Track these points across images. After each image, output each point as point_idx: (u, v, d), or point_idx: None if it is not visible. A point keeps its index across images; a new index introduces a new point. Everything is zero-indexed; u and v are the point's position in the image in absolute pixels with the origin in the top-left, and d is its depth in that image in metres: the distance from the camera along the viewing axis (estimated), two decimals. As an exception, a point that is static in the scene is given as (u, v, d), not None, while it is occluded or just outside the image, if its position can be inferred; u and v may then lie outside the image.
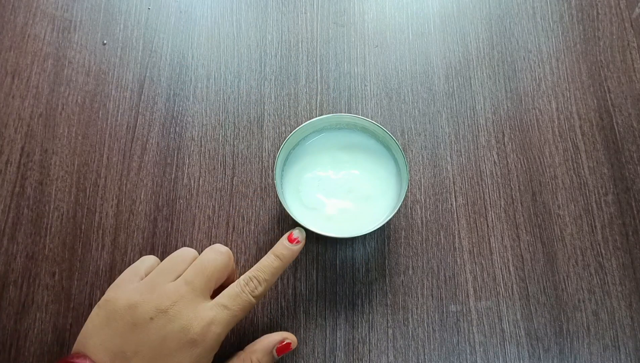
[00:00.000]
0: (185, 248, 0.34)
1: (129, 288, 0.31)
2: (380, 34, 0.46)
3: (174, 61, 0.44)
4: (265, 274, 0.32)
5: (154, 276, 0.31)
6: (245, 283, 0.31)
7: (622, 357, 0.37)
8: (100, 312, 0.30)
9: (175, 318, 0.29)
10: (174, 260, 0.33)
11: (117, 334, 0.29)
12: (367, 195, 0.37)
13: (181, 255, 0.33)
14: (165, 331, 0.29)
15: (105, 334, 0.29)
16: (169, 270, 0.32)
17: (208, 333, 0.29)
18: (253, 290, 0.31)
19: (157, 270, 0.32)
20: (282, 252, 0.33)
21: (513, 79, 0.44)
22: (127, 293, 0.30)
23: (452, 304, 0.38)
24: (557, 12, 0.47)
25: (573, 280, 0.39)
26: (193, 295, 0.30)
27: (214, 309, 0.30)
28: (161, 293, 0.30)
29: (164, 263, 0.33)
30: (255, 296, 0.31)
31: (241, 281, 0.32)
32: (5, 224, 0.39)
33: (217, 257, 0.32)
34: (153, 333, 0.29)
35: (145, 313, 0.29)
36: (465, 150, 0.42)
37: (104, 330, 0.29)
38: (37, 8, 0.45)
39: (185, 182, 0.41)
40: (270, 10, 0.47)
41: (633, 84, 0.44)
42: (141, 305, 0.29)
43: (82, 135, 0.42)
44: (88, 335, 0.29)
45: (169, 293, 0.30)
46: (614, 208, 0.41)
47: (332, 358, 0.36)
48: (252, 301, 0.31)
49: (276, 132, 0.43)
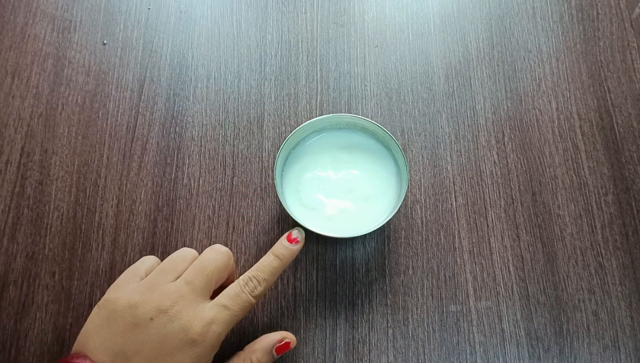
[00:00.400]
0: (186, 248, 0.34)
1: (129, 288, 0.31)
2: (380, 34, 0.46)
3: (174, 61, 0.44)
4: (265, 274, 0.32)
5: (154, 276, 0.31)
6: (245, 283, 0.32)
7: (622, 357, 0.37)
8: (100, 312, 0.30)
9: (175, 318, 0.29)
10: (174, 260, 0.33)
11: (117, 334, 0.29)
12: (367, 195, 0.37)
13: (181, 255, 0.33)
14: (165, 331, 0.29)
15: (106, 334, 0.29)
16: (169, 270, 0.32)
17: (208, 333, 0.29)
18: (253, 290, 0.31)
19: (158, 270, 0.32)
20: (282, 252, 0.33)
21: (513, 79, 0.44)
22: (128, 293, 0.30)
23: (452, 304, 0.38)
24: (557, 12, 0.47)
25: (573, 280, 0.39)
26: (193, 295, 0.30)
27: (214, 309, 0.30)
28: (161, 293, 0.30)
29: (164, 263, 0.33)
30: (254, 296, 0.31)
31: (241, 281, 0.32)
32: (5, 224, 0.39)
33: (217, 257, 0.32)
34: (153, 333, 0.29)
35: (145, 313, 0.29)
36: (465, 150, 0.42)
37: (104, 330, 0.29)
38: (37, 8, 0.45)
39: (185, 182, 0.41)
40: (270, 10, 0.47)
41: (633, 84, 0.44)
42: (141, 305, 0.29)
43: (82, 135, 0.42)
44: (88, 335, 0.29)
45: (169, 293, 0.30)
46: (614, 208, 0.41)
47: (332, 358, 0.36)
48: (251, 301, 0.31)
49: (276, 132, 0.43)
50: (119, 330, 0.29)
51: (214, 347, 0.30)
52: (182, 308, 0.29)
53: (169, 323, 0.29)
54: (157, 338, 0.29)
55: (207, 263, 0.32)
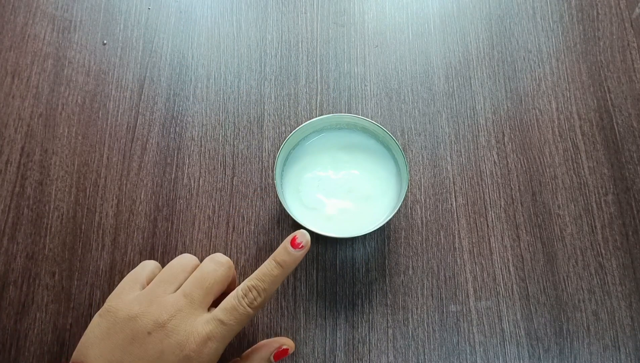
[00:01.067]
0: (186, 255, 0.34)
1: (130, 298, 0.31)
2: (380, 34, 0.46)
3: (174, 61, 0.44)
4: (265, 283, 0.30)
5: (154, 287, 0.31)
6: (244, 295, 0.30)
7: (622, 357, 0.37)
8: (101, 322, 0.30)
9: (172, 333, 0.29)
10: (174, 270, 0.32)
11: (116, 347, 0.29)
12: (367, 195, 0.37)
13: (181, 264, 0.33)
14: (162, 346, 0.29)
15: (105, 346, 0.29)
16: (168, 280, 0.32)
17: (204, 349, 0.29)
18: (252, 301, 0.30)
19: (157, 280, 0.32)
20: (284, 259, 0.31)
21: (513, 79, 0.44)
22: (128, 303, 0.30)
23: (452, 304, 0.38)
24: (557, 12, 0.47)
25: (573, 280, 0.39)
26: (191, 308, 0.30)
27: (211, 324, 0.29)
28: (159, 306, 0.30)
29: (164, 272, 0.32)
30: (253, 307, 0.30)
31: (239, 292, 0.30)
32: (5, 224, 0.39)
33: (217, 269, 0.32)
34: (151, 348, 0.29)
35: (143, 326, 0.29)
36: (465, 150, 0.42)
37: (104, 341, 0.29)
38: (37, 8, 0.45)
39: (185, 182, 0.41)
40: (270, 10, 0.47)
41: (633, 84, 0.44)
42: (140, 317, 0.29)
43: (82, 135, 0.42)
44: (89, 345, 0.30)
45: (167, 306, 0.30)
46: (614, 208, 0.41)
47: (332, 358, 0.36)
48: (250, 313, 0.30)
49: (276, 132, 0.43)
50: (119, 342, 0.29)
51: (211, 361, 0.29)
52: (180, 322, 0.29)
53: (165, 338, 0.29)
54: (154, 353, 0.29)
55: (206, 275, 0.31)
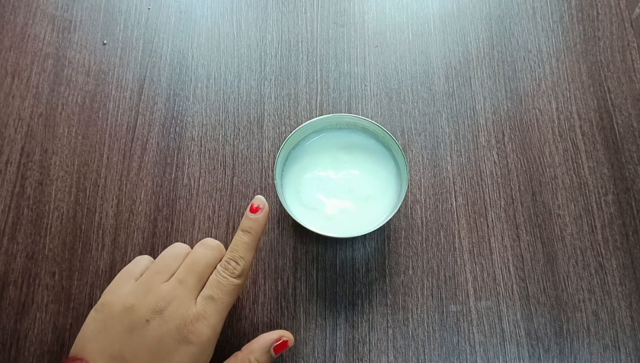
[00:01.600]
0: (178, 244, 0.34)
1: (125, 291, 0.31)
2: (380, 34, 0.46)
3: (174, 61, 0.44)
4: (239, 252, 0.32)
5: (148, 277, 0.32)
6: (224, 269, 0.31)
7: (622, 357, 0.37)
8: (97, 316, 0.30)
9: (170, 318, 0.29)
10: (166, 260, 0.33)
11: (115, 339, 0.29)
12: (367, 195, 0.37)
13: (173, 254, 0.33)
14: (161, 332, 0.29)
15: (103, 339, 0.29)
16: (161, 270, 0.32)
17: (202, 329, 0.29)
18: (232, 271, 0.31)
19: (151, 271, 0.32)
20: (248, 225, 0.32)
21: (513, 79, 0.44)
22: (123, 296, 0.30)
23: (452, 304, 0.38)
24: (557, 12, 0.47)
25: (573, 280, 0.39)
26: (187, 294, 0.30)
27: (201, 303, 0.30)
28: (156, 295, 0.30)
29: (156, 263, 0.33)
30: (236, 276, 0.31)
31: (219, 268, 0.31)
32: (5, 224, 0.39)
33: (208, 252, 0.32)
34: (150, 336, 0.29)
35: (141, 315, 0.29)
36: (465, 150, 0.42)
37: (102, 334, 0.29)
38: (37, 8, 0.45)
39: (185, 182, 0.41)
40: (270, 10, 0.47)
41: (633, 84, 0.44)
42: (137, 307, 0.30)
43: (82, 135, 0.42)
44: (86, 339, 0.30)
45: (163, 294, 0.30)
46: (614, 208, 0.41)
47: (332, 358, 0.36)
48: (235, 282, 0.31)
49: (276, 132, 0.43)
50: (116, 333, 0.29)
51: (211, 340, 0.30)
52: (176, 308, 0.30)
53: (164, 324, 0.29)
54: (153, 340, 0.29)
55: (198, 259, 0.32)
